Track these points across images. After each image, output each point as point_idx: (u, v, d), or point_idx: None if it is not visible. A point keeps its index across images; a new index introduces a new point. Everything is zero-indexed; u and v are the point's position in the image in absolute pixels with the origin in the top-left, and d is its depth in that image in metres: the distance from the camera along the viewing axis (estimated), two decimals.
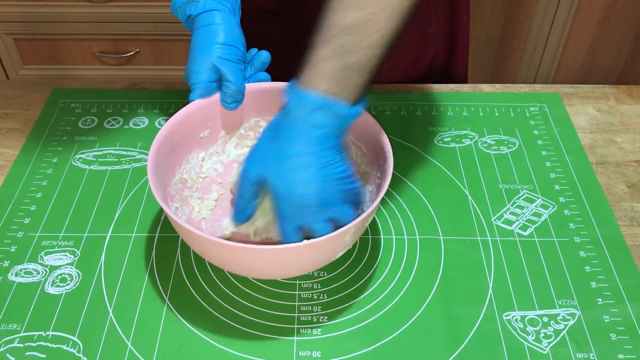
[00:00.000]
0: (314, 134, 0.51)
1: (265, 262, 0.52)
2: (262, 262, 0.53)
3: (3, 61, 1.64)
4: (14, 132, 0.78)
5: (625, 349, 0.55)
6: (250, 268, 0.55)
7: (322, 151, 0.52)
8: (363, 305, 0.59)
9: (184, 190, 0.64)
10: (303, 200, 0.52)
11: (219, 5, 0.63)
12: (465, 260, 0.63)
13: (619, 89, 0.86)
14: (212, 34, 0.62)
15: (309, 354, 0.55)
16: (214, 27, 0.62)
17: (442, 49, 0.89)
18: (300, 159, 0.52)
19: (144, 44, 1.59)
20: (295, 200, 0.52)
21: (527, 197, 0.69)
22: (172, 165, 0.62)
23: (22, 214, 0.67)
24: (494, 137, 0.77)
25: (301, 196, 0.52)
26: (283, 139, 0.53)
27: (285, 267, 0.54)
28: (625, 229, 0.66)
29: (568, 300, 0.59)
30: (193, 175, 0.65)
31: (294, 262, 0.53)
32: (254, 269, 0.55)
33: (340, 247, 0.54)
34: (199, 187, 0.66)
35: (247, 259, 0.52)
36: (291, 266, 0.54)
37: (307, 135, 0.52)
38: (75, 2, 1.51)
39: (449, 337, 0.56)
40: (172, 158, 0.62)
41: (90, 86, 0.86)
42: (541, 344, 0.55)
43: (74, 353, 0.55)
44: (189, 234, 0.52)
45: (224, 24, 0.63)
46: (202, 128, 0.64)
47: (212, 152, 0.67)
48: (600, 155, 0.75)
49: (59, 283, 0.60)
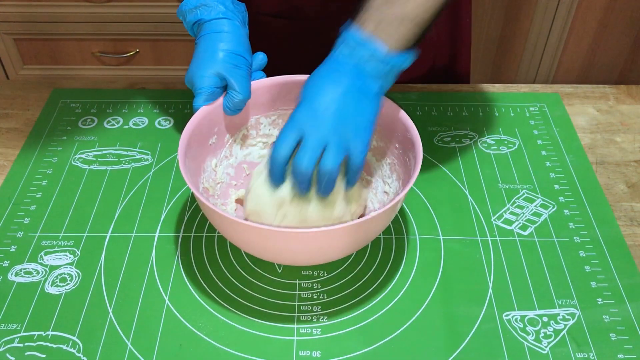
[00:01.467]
0: (353, 65, 0.53)
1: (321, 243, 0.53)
2: (320, 243, 0.53)
3: (3, 61, 1.64)
4: (14, 132, 0.78)
5: (625, 348, 0.55)
6: (306, 252, 0.55)
7: (357, 83, 0.53)
8: (363, 305, 0.59)
9: (209, 199, 0.64)
10: (319, 107, 0.53)
11: (231, 14, 0.64)
12: (465, 260, 0.63)
13: (619, 89, 0.86)
14: (222, 41, 0.62)
15: (309, 354, 0.55)
16: (224, 35, 0.63)
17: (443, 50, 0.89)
18: (335, 76, 0.53)
19: (144, 44, 1.59)
20: (312, 104, 0.53)
21: (527, 197, 0.69)
22: (195, 176, 0.62)
23: (22, 214, 0.67)
24: (494, 137, 0.77)
25: (320, 102, 0.53)
26: (323, 65, 0.54)
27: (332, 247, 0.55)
28: (625, 228, 0.66)
29: (568, 300, 0.59)
30: (212, 183, 0.65)
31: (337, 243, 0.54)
32: (308, 252, 0.55)
33: (378, 226, 0.55)
34: (219, 194, 0.66)
35: (313, 242, 0.53)
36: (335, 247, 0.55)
37: (346, 65, 0.53)
38: (75, 2, 1.51)
39: (449, 337, 0.56)
40: (193, 169, 0.61)
41: (90, 86, 0.86)
42: (541, 344, 0.55)
43: (74, 353, 0.55)
44: (224, 219, 0.53)
45: (234, 33, 0.63)
46: (210, 135, 0.64)
47: (222, 158, 0.67)
48: (600, 155, 0.75)
49: (59, 283, 0.60)
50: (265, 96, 0.66)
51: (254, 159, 0.70)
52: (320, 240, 0.53)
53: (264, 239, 0.53)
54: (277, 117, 0.68)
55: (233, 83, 0.62)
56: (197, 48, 0.64)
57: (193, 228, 0.66)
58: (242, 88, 0.62)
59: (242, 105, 0.64)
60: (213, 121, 0.64)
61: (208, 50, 0.63)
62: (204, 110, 0.62)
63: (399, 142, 0.62)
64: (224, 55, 0.62)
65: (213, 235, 0.65)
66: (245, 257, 0.63)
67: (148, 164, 0.73)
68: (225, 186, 0.67)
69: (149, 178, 0.72)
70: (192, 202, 0.69)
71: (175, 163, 0.73)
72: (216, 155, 0.66)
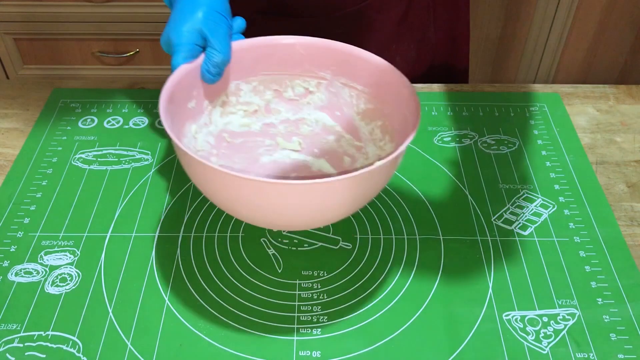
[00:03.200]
0: None
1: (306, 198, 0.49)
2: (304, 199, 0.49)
3: (3, 61, 1.64)
4: (14, 132, 0.78)
5: (625, 348, 0.55)
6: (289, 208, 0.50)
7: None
8: (363, 305, 0.59)
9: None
10: None
11: None
12: (465, 260, 0.63)
13: (619, 89, 0.86)
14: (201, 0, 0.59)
15: (309, 354, 0.55)
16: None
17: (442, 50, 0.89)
18: None
19: (144, 44, 1.59)
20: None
21: (527, 197, 0.69)
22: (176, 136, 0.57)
23: (22, 214, 0.67)
24: (494, 137, 0.77)
25: None
26: None
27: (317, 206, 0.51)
28: (625, 228, 0.66)
29: (568, 300, 0.59)
30: (192, 150, 0.61)
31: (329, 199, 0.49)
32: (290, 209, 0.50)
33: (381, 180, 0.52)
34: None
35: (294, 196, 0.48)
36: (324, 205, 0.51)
37: None
38: (75, 2, 1.51)
39: (449, 337, 0.56)
40: (175, 131, 0.56)
41: (90, 86, 0.86)
42: (541, 344, 0.55)
43: (74, 353, 0.55)
44: (202, 167, 0.48)
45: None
46: (189, 97, 0.60)
47: (201, 124, 0.63)
48: (600, 155, 0.75)
49: (59, 283, 0.60)
50: (246, 59, 0.62)
51: (234, 128, 0.66)
52: (320, 193, 0.48)
53: (257, 191, 0.48)
54: (258, 83, 0.65)
55: (213, 41, 0.58)
56: (174, 8, 0.60)
57: (193, 228, 0.66)
58: (223, 47, 0.59)
59: (221, 69, 0.60)
60: (192, 84, 0.59)
61: (186, 8, 0.59)
62: (184, 68, 0.58)
63: (391, 100, 0.59)
64: (204, 13, 0.58)
65: (213, 235, 0.65)
66: (245, 257, 0.63)
67: (148, 164, 0.73)
68: (206, 154, 0.63)
69: (149, 178, 0.72)
70: (192, 202, 0.69)
71: (175, 162, 0.73)
72: (196, 121, 0.62)
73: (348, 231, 0.65)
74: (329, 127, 0.67)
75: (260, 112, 0.67)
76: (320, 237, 0.65)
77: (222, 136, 0.66)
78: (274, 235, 0.65)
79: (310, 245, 0.64)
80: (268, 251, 0.64)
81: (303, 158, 0.68)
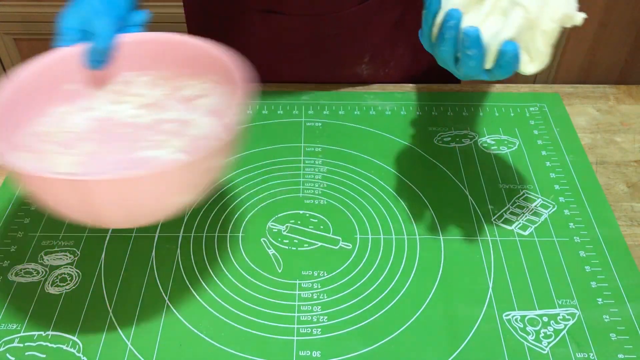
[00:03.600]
0: None
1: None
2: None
3: (3, 61, 1.64)
4: None
5: (625, 348, 0.55)
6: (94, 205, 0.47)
7: None
8: (363, 305, 0.59)
9: (43, 144, 0.58)
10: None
11: None
12: (465, 260, 0.63)
13: (619, 89, 0.86)
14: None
15: (309, 354, 0.55)
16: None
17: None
18: None
19: None
20: None
21: (527, 197, 0.69)
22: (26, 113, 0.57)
23: (22, 214, 0.67)
24: (494, 137, 0.77)
25: None
26: None
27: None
28: (625, 229, 0.66)
29: (568, 300, 0.59)
30: (54, 129, 0.60)
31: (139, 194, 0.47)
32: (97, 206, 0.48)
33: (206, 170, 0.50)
34: (61, 142, 0.60)
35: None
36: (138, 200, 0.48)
37: None
38: None
39: (449, 337, 0.56)
40: (28, 106, 0.56)
41: None
42: (541, 344, 0.55)
43: (74, 353, 0.55)
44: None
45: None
46: (64, 79, 0.59)
47: (81, 108, 0.61)
48: (600, 155, 0.75)
49: (59, 283, 0.60)
50: (136, 52, 0.61)
51: (121, 118, 0.63)
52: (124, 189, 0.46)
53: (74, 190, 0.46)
54: (148, 79, 0.63)
55: (95, 28, 0.58)
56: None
57: (193, 228, 0.66)
58: (103, 34, 0.58)
59: (103, 58, 0.59)
60: (72, 67, 0.59)
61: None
62: (63, 51, 0.59)
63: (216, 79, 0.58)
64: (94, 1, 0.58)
65: (213, 235, 0.65)
66: (245, 257, 0.63)
67: None
68: (75, 136, 0.60)
69: None
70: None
71: None
72: (71, 103, 0.61)
73: (348, 231, 0.65)
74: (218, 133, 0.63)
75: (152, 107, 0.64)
76: (320, 237, 0.65)
77: (106, 124, 0.63)
78: (274, 235, 0.65)
79: (310, 245, 0.64)
80: (268, 251, 0.64)
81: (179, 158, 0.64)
